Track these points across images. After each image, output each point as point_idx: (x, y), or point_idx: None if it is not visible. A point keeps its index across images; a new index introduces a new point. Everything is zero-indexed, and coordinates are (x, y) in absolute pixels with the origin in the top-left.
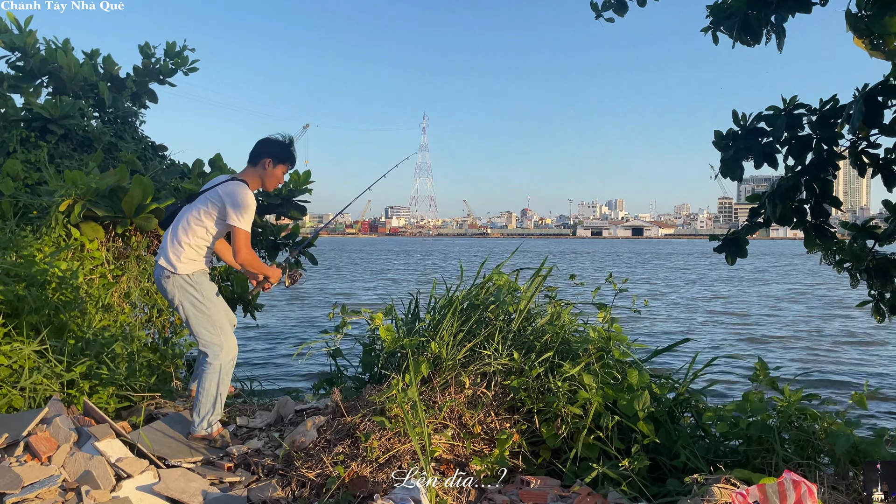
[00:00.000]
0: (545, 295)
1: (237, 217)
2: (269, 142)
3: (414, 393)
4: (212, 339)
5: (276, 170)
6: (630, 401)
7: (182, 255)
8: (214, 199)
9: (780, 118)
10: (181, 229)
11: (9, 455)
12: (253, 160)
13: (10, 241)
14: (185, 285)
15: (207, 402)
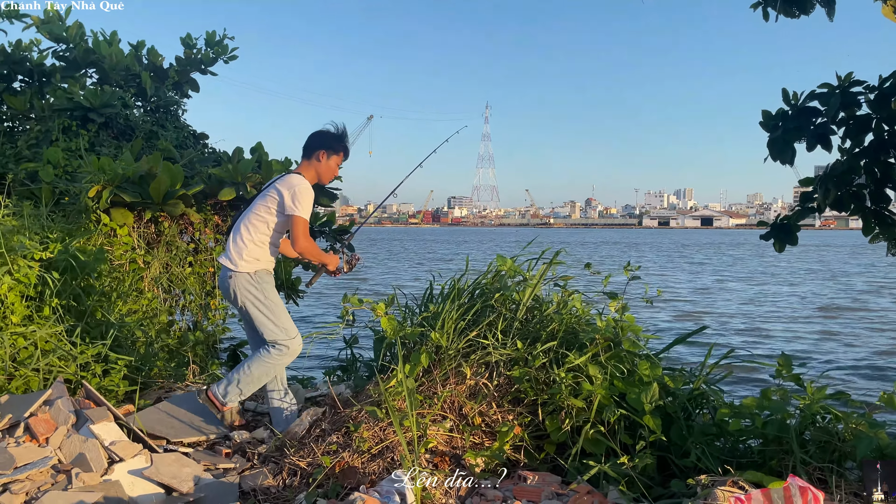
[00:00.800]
0: (555, 283)
1: (295, 205)
2: (322, 133)
3: (407, 383)
4: (278, 336)
5: (330, 161)
6: (638, 394)
7: (245, 254)
8: (273, 192)
9: (834, 96)
10: (244, 227)
11: (9, 436)
12: (307, 153)
13: (40, 226)
14: (247, 285)
15: (243, 379)
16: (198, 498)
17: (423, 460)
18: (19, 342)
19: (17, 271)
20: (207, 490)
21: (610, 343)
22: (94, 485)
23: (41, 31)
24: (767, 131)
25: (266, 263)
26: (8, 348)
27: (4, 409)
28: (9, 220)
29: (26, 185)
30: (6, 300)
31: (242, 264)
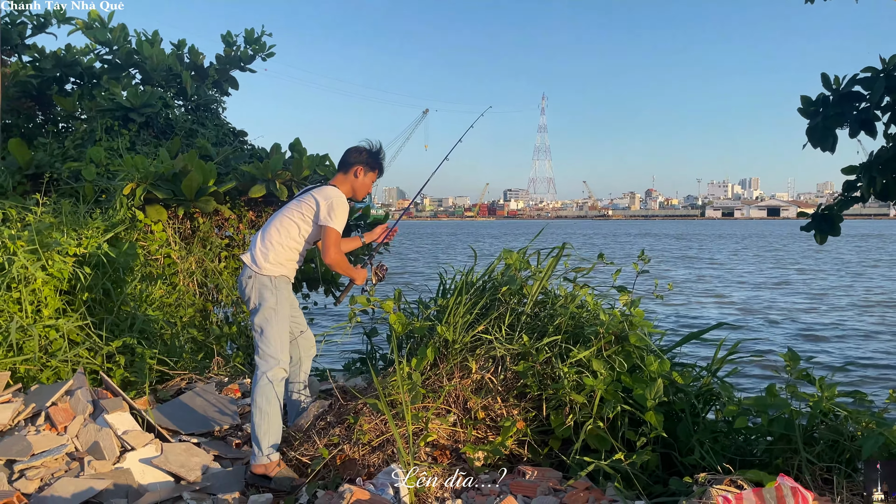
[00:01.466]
0: (565, 277)
1: (330, 216)
2: (360, 150)
3: (413, 376)
4: (270, 350)
5: (366, 178)
6: (643, 390)
7: (270, 256)
8: (309, 200)
9: (878, 80)
10: (274, 229)
11: (31, 424)
12: (344, 168)
13: (76, 222)
14: (264, 288)
15: (262, 420)
16: (204, 486)
17: (423, 454)
18: (51, 334)
19: (51, 266)
20: (215, 479)
21: (617, 338)
22: (105, 472)
23: (86, 35)
24: (807, 118)
25: (289, 271)
26: (37, 340)
27: (31, 398)
28: (47, 216)
29: (69, 183)
30: (40, 294)
31: (267, 266)
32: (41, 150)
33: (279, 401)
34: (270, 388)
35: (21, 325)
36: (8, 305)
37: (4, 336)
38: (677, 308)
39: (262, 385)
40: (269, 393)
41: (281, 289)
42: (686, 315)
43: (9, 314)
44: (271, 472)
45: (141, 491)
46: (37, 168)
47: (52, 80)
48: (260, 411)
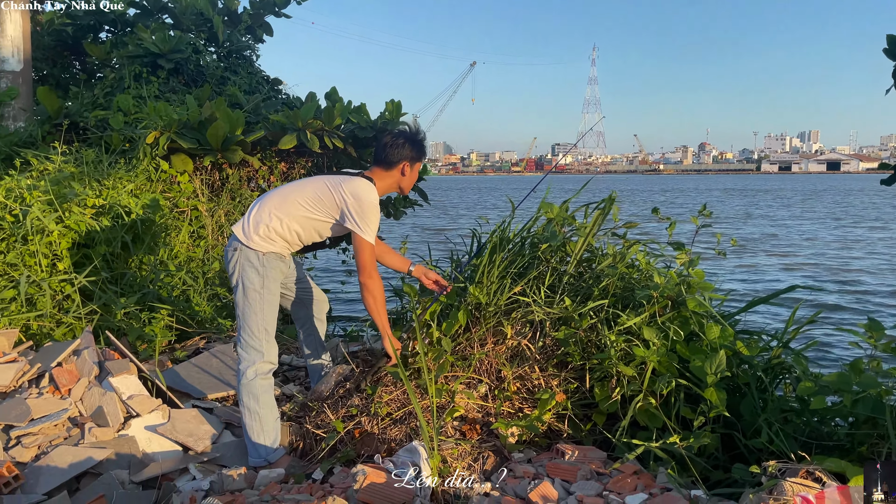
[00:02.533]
0: (612, 233)
1: (361, 225)
2: (403, 144)
3: (436, 342)
4: (252, 341)
5: (413, 170)
6: (702, 362)
7: (261, 228)
8: (335, 191)
9: None
10: (278, 198)
11: (36, 385)
12: (386, 165)
13: (99, 172)
14: (248, 265)
15: (252, 422)
16: (213, 457)
17: (450, 428)
18: (66, 289)
19: (68, 218)
20: (225, 450)
21: (672, 302)
22: (106, 440)
23: None
24: (893, 59)
25: (282, 248)
26: (49, 295)
27: (39, 357)
28: (68, 166)
29: (96, 132)
30: (57, 247)
31: (256, 239)
32: (73, 99)
33: (270, 395)
34: (256, 385)
35: (33, 280)
36: (24, 258)
37: (20, 290)
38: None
39: (245, 383)
40: (256, 390)
41: (270, 268)
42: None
43: (25, 268)
44: (275, 465)
45: (145, 461)
46: (66, 117)
47: (86, 29)
48: (249, 412)
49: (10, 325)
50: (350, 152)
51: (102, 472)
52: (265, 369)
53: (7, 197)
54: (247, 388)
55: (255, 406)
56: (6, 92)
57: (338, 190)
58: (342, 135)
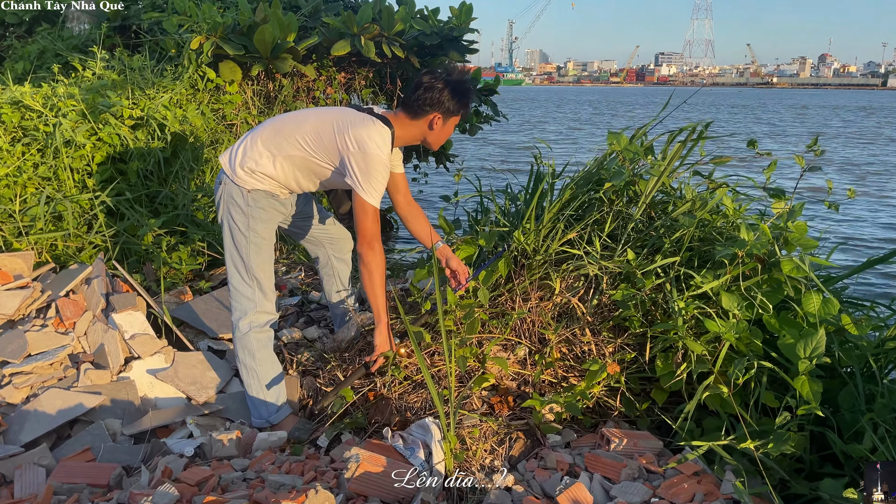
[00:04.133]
0: (694, 171)
1: (363, 184)
2: (442, 90)
3: (472, 293)
4: (242, 288)
5: (446, 127)
6: (794, 343)
7: (248, 162)
8: (340, 135)
9: None
10: (272, 129)
11: (42, 316)
12: (413, 111)
13: (140, 81)
14: (231, 202)
15: (251, 379)
16: (215, 409)
17: (476, 400)
18: (96, 206)
19: (101, 130)
20: (230, 401)
21: (762, 262)
22: (102, 384)
23: None
24: None
25: (272, 186)
26: (71, 213)
27: (54, 283)
28: (110, 73)
29: (146, 37)
30: (91, 161)
31: (241, 174)
32: None
33: (269, 349)
34: (251, 339)
35: (51, 197)
36: (58, 172)
37: (48, 208)
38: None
39: (239, 336)
40: (251, 344)
41: (257, 207)
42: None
43: (56, 181)
44: (281, 425)
45: (143, 409)
46: (124, 20)
47: None
48: (246, 369)
49: (36, 245)
50: (413, 62)
51: (95, 419)
52: (261, 320)
53: (44, 105)
54: (241, 342)
55: (251, 362)
56: None
57: (343, 133)
58: (403, 42)
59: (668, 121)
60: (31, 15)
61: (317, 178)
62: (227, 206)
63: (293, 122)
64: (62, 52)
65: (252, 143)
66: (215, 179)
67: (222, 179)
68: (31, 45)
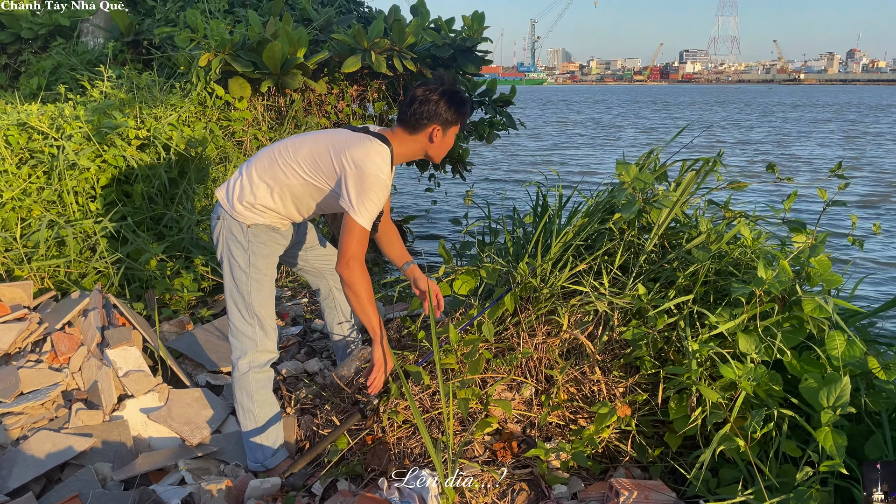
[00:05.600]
0: (709, 200)
1: (355, 204)
2: (437, 101)
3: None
4: (243, 327)
5: (447, 136)
6: (817, 388)
7: (246, 196)
8: (337, 157)
9: None
10: (267, 159)
11: (38, 350)
12: (411, 126)
13: (149, 99)
14: (231, 238)
15: (248, 421)
16: (209, 451)
17: (478, 447)
18: (100, 230)
19: (105, 152)
20: (226, 442)
21: (783, 301)
22: (94, 425)
23: None
24: None
25: (272, 218)
26: (77, 239)
27: (52, 314)
28: (118, 92)
29: (157, 52)
30: (95, 183)
31: (240, 209)
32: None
33: (267, 391)
34: (250, 379)
35: (54, 221)
36: (63, 195)
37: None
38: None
39: (238, 376)
40: (250, 385)
41: (258, 242)
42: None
43: (61, 206)
44: (279, 470)
45: (136, 450)
46: (136, 35)
47: None
48: (243, 410)
49: (37, 272)
50: (426, 74)
51: (85, 463)
52: (261, 360)
53: (50, 126)
54: (239, 382)
55: (249, 404)
56: (84, 9)
57: (339, 154)
58: (415, 55)
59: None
60: (47, 30)
61: (316, 202)
62: (226, 243)
63: (287, 150)
64: (76, 66)
65: (248, 175)
66: (212, 214)
67: (220, 214)
68: (46, 61)
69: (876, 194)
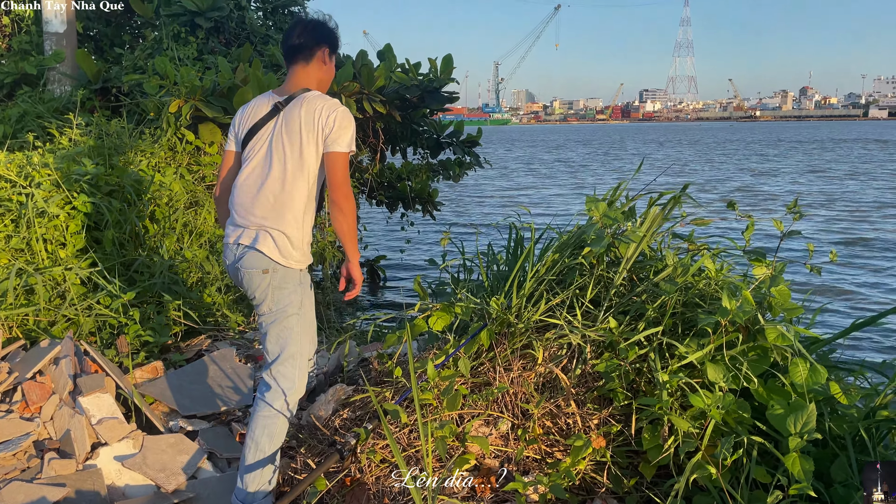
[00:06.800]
0: (673, 234)
1: (343, 138)
2: (317, 26)
3: (452, 364)
4: (287, 371)
5: (332, 62)
6: (783, 414)
7: (297, 234)
8: (307, 119)
9: None
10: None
11: (7, 400)
12: (304, 57)
13: (118, 146)
14: (285, 287)
15: (255, 461)
16: (185, 498)
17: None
18: (70, 277)
19: (75, 199)
20: (201, 488)
21: (747, 330)
22: (67, 475)
23: None
24: None
25: (308, 248)
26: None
27: (22, 363)
28: (86, 139)
29: (125, 99)
30: (64, 231)
31: (295, 256)
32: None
33: (284, 436)
34: (277, 424)
35: (22, 269)
36: (31, 243)
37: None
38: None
39: (267, 415)
40: (276, 429)
41: (307, 283)
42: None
43: (29, 254)
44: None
45: (108, 500)
46: (104, 82)
47: None
48: (256, 450)
49: (6, 320)
50: (395, 115)
51: None
52: (295, 402)
53: (19, 174)
54: (266, 421)
55: (268, 447)
56: (52, 56)
57: (313, 109)
58: (384, 98)
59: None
60: (13, 78)
61: (313, 184)
62: (278, 294)
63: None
64: (43, 114)
65: (284, 202)
66: (243, 272)
67: (268, 268)
68: (12, 109)
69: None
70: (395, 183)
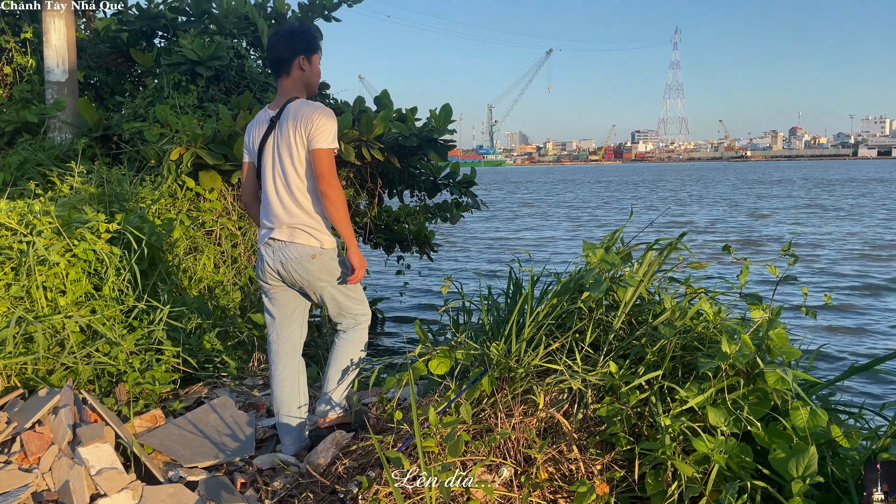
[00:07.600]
0: (670, 278)
1: (325, 137)
2: (289, 37)
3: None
4: (358, 307)
5: (313, 65)
6: (785, 458)
7: (320, 224)
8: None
9: None
10: (279, 180)
11: (6, 450)
12: (285, 69)
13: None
14: (329, 267)
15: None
16: None
17: None
18: (69, 325)
19: (76, 246)
20: None
21: (747, 374)
22: None
23: None
24: None
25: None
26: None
27: (21, 412)
28: (87, 187)
29: (127, 147)
30: (65, 278)
31: (327, 238)
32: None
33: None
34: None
35: (22, 317)
36: (31, 291)
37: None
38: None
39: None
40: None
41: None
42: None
43: (29, 302)
44: (348, 419)
45: None
46: (105, 130)
47: (139, 35)
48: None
49: (4, 369)
50: (393, 162)
51: None
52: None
53: (19, 222)
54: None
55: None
56: (53, 104)
57: (298, 121)
58: (382, 145)
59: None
60: (13, 126)
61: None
62: (328, 268)
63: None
64: (44, 162)
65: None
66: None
67: (314, 255)
68: (13, 156)
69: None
70: (393, 225)
